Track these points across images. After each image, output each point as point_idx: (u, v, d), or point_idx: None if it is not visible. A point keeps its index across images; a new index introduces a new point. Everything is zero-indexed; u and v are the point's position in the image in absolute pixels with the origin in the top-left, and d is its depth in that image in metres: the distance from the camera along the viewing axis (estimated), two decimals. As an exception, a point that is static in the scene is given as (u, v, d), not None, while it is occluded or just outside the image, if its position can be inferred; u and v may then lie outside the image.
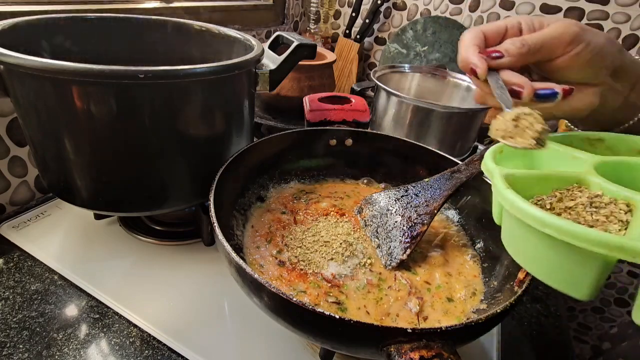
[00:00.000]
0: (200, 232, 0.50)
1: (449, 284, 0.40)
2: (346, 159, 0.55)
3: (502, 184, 0.28)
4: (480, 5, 1.05)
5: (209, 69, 0.37)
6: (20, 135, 0.54)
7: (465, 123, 0.69)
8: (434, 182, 0.44)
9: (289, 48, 0.48)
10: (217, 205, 0.35)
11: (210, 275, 0.47)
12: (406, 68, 0.84)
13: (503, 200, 0.27)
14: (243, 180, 0.46)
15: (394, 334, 0.25)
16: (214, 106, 0.41)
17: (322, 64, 0.79)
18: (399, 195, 0.45)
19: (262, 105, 0.84)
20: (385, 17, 1.19)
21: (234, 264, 0.30)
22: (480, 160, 0.44)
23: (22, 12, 0.52)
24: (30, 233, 0.50)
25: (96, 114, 0.35)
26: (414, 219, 0.42)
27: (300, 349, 0.39)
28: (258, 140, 0.47)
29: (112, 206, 0.43)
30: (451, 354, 0.25)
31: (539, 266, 0.28)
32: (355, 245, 0.42)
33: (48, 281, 0.44)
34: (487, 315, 0.27)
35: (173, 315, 0.41)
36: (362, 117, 0.62)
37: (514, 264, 0.36)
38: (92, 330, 0.39)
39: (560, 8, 0.97)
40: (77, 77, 0.33)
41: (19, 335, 0.38)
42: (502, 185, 0.28)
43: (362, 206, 0.47)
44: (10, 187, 0.55)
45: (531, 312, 0.50)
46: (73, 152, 0.38)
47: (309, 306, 0.26)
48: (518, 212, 0.25)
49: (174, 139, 0.40)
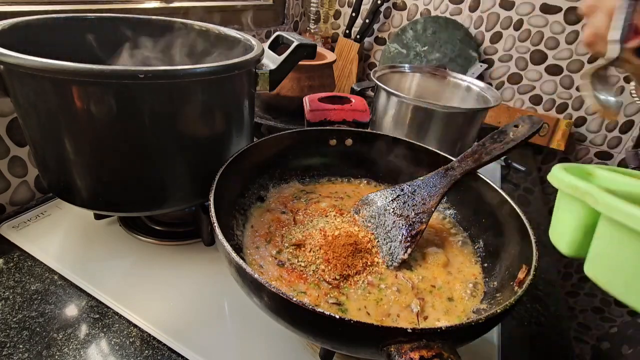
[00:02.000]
0: (200, 232, 0.50)
1: (449, 283, 0.40)
2: (346, 159, 0.55)
3: (616, 200, 0.24)
4: (480, 5, 1.05)
5: (209, 69, 0.37)
6: (20, 135, 0.54)
7: (465, 123, 0.69)
8: (429, 180, 0.44)
9: (289, 48, 0.48)
10: (217, 205, 0.35)
11: (210, 275, 0.47)
12: (406, 68, 0.84)
13: (622, 215, 0.23)
14: (243, 180, 0.46)
15: (394, 333, 0.25)
16: (214, 106, 0.41)
17: (322, 64, 0.79)
18: (395, 195, 0.45)
19: (262, 105, 0.84)
20: (385, 17, 1.19)
21: (234, 264, 0.30)
22: (472, 155, 0.44)
23: (22, 12, 0.52)
24: (30, 233, 0.50)
25: (96, 114, 0.35)
26: (412, 218, 0.42)
27: (300, 349, 0.39)
28: (258, 140, 0.47)
29: (112, 206, 0.43)
30: (451, 354, 0.25)
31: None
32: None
33: (48, 281, 0.44)
34: (487, 315, 0.27)
35: (173, 315, 0.41)
36: (362, 117, 0.62)
37: (514, 264, 0.36)
38: (92, 330, 0.39)
39: (561, 8, 0.97)
40: (77, 77, 0.33)
41: (19, 335, 0.38)
42: (617, 200, 0.23)
43: (359, 207, 0.47)
44: (10, 187, 0.55)
45: (531, 312, 0.50)
46: (73, 152, 0.38)
47: (309, 306, 0.26)
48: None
49: (173, 139, 0.40)
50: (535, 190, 0.84)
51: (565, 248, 0.29)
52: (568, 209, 0.29)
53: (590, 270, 0.27)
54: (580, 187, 0.26)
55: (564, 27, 0.98)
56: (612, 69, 0.27)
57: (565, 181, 0.28)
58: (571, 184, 0.27)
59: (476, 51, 1.07)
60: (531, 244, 0.35)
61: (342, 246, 0.40)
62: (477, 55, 1.07)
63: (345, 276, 0.38)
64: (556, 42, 1.01)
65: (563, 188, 0.28)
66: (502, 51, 1.07)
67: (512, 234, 0.39)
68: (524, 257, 0.35)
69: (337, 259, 0.39)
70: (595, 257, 0.27)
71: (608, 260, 0.26)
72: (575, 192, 0.27)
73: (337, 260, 0.39)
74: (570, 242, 0.28)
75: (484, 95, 0.76)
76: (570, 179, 0.28)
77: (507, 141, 0.44)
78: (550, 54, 1.02)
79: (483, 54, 1.09)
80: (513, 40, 1.05)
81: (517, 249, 0.37)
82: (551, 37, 1.01)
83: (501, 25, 1.05)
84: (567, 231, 0.28)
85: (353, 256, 0.40)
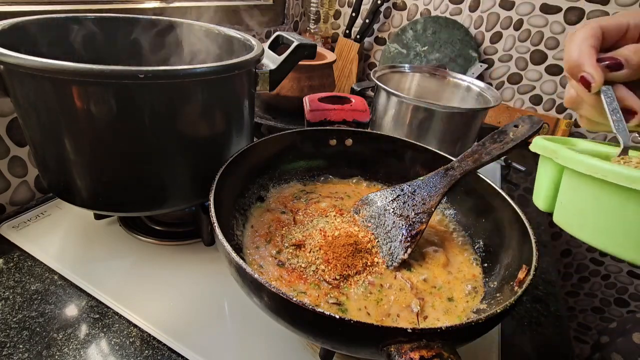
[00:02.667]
0: (200, 232, 0.50)
1: (449, 283, 0.40)
2: (346, 159, 0.55)
3: (574, 153, 0.27)
4: (480, 5, 1.05)
5: (209, 69, 0.37)
6: (20, 135, 0.54)
7: (465, 123, 0.69)
8: (429, 180, 0.44)
9: (289, 48, 0.48)
10: (217, 205, 0.35)
11: (210, 275, 0.47)
12: (406, 68, 0.84)
13: (581, 165, 0.26)
14: (243, 180, 0.46)
15: (394, 333, 0.25)
16: (214, 106, 0.41)
17: (322, 64, 0.79)
18: (395, 195, 0.45)
19: (262, 105, 0.84)
20: (385, 17, 1.19)
21: (234, 264, 0.30)
22: (472, 155, 0.44)
23: (22, 12, 0.52)
24: (30, 233, 0.50)
25: (96, 114, 0.35)
26: (412, 218, 0.42)
27: (300, 349, 0.39)
28: (258, 140, 0.47)
29: (112, 206, 0.43)
30: (451, 354, 0.25)
31: (613, 236, 0.27)
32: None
33: (48, 281, 0.44)
34: (487, 315, 0.27)
35: (173, 315, 0.41)
36: (362, 117, 0.62)
37: (514, 264, 0.36)
38: (92, 330, 0.39)
39: (561, 8, 0.97)
40: (77, 77, 0.33)
41: (19, 335, 0.38)
42: (575, 153, 0.27)
43: (359, 207, 0.47)
44: (10, 187, 0.55)
45: (531, 312, 0.50)
46: (73, 152, 0.38)
47: (309, 306, 0.26)
48: (604, 173, 0.25)
49: (173, 139, 0.40)
50: (535, 190, 0.84)
51: (542, 204, 0.32)
52: (543, 169, 0.33)
53: (559, 218, 0.31)
54: (548, 147, 0.31)
55: (564, 27, 0.98)
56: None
57: (539, 144, 0.32)
58: (543, 145, 0.31)
59: (476, 51, 1.07)
60: (531, 244, 0.35)
61: (342, 246, 0.40)
62: (477, 55, 1.07)
63: (345, 276, 0.38)
64: (556, 42, 1.01)
65: (537, 150, 0.32)
66: (502, 51, 1.07)
67: (512, 234, 0.39)
68: (524, 257, 0.35)
69: (337, 259, 0.39)
70: (561, 206, 0.31)
71: (572, 206, 0.30)
72: (545, 152, 0.31)
73: (337, 261, 0.39)
74: (544, 197, 0.32)
75: (484, 95, 0.76)
76: (543, 142, 0.32)
77: (507, 141, 0.44)
78: (550, 54, 1.02)
79: (483, 54, 1.09)
80: (513, 40, 1.05)
81: (517, 249, 0.37)
82: (551, 37, 1.01)
83: (501, 25, 1.05)
84: (542, 189, 0.32)
85: (353, 256, 0.40)
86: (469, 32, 1.07)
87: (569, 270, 1.24)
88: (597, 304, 1.26)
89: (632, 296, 1.20)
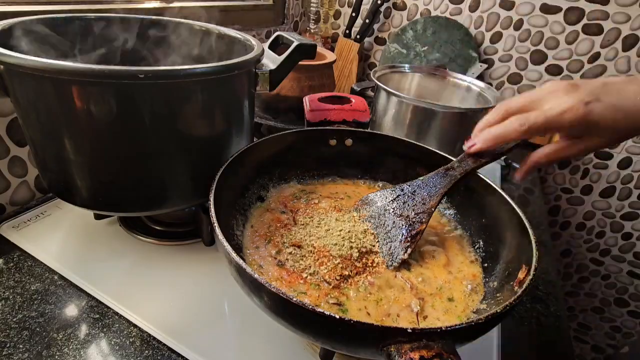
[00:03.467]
0: (200, 232, 0.50)
1: (449, 283, 0.40)
2: (346, 159, 0.55)
3: None
4: (480, 6, 1.05)
5: (209, 69, 0.37)
6: (20, 135, 0.54)
7: (465, 123, 0.69)
8: (429, 180, 0.44)
9: (289, 48, 0.48)
10: (217, 205, 0.35)
11: (210, 275, 0.47)
12: (406, 68, 0.84)
13: None
14: (243, 180, 0.46)
15: (394, 333, 0.25)
16: (214, 106, 0.41)
17: (322, 64, 0.79)
18: (395, 195, 0.45)
19: (262, 105, 0.84)
20: (385, 17, 1.19)
21: (234, 264, 0.30)
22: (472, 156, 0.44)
23: (22, 12, 0.52)
24: (30, 233, 0.50)
25: (96, 114, 0.35)
26: (412, 218, 0.42)
27: (300, 349, 0.39)
28: (258, 140, 0.47)
29: (112, 206, 0.43)
30: (451, 354, 0.25)
31: None
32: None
33: (48, 281, 0.44)
34: (487, 315, 0.27)
35: (173, 315, 0.41)
36: (362, 117, 0.62)
37: (514, 264, 0.37)
38: (92, 330, 0.39)
39: (561, 8, 0.97)
40: (77, 77, 0.33)
41: (19, 335, 0.38)
42: None
43: (359, 207, 0.47)
44: (10, 187, 0.55)
45: (531, 312, 0.50)
46: (73, 152, 0.38)
47: (309, 306, 0.26)
48: None
49: (174, 139, 0.40)
50: (535, 190, 0.85)
51: None
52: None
53: None
54: None
55: (564, 27, 0.98)
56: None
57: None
58: None
59: (476, 51, 1.07)
60: (531, 244, 0.35)
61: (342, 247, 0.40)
62: (477, 55, 1.07)
63: (345, 276, 0.38)
64: (556, 42, 1.01)
65: None
66: (502, 51, 1.07)
67: (512, 234, 0.39)
68: (524, 257, 0.35)
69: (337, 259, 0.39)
70: None
71: None
72: None
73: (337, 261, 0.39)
74: None
75: (484, 95, 0.76)
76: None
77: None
78: (550, 54, 1.02)
79: (483, 54, 1.09)
80: (513, 40, 1.05)
81: (517, 249, 0.37)
82: (551, 37, 1.01)
83: (501, 25, 1.05)
84: None
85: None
86: (469, 32, 1.07)
87: (569, 270, 1.24)
88: (597, 304, 1.26)
89: (632, 296, 1.20)
